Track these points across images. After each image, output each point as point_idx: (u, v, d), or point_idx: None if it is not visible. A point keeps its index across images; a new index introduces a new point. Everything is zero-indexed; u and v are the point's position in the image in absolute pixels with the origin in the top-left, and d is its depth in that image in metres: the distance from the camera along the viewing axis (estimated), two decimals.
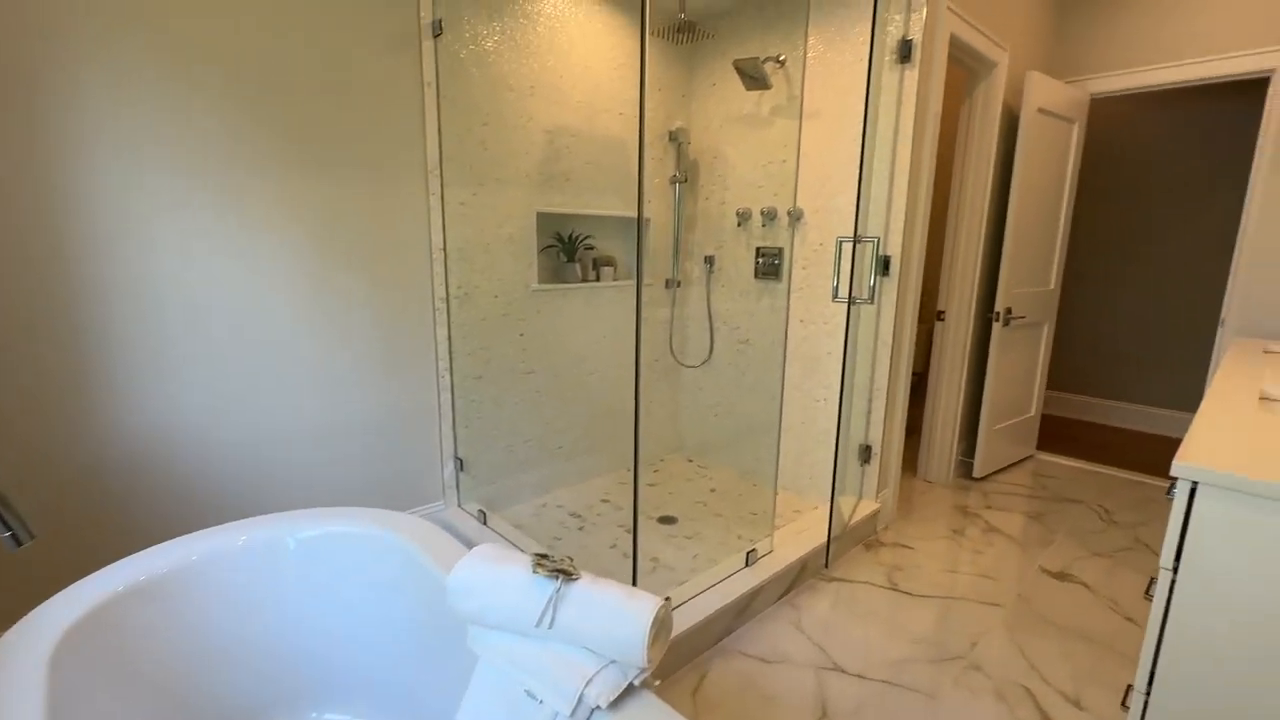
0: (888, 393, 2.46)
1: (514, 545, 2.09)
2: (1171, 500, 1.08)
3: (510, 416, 2.55)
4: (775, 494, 2.45)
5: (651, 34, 2.56)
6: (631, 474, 3.02)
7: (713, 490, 2.87)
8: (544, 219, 2.58)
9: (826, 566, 2.26)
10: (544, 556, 0.92)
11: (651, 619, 0.83)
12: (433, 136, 2.10)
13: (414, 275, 2.14)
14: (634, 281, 2.92)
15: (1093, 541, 2.54)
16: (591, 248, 2.78)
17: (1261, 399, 1.59)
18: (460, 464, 2.36)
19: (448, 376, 2.28)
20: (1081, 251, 4.25)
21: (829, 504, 2.15)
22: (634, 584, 1.70)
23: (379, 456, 2.15)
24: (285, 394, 1.91)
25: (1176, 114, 3.81)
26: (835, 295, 2.01)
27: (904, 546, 2.46)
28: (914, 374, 4.01)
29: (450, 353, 2.28)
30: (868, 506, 2.51)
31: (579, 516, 2.56)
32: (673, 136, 2.91)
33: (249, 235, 1.77)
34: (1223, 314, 2.84)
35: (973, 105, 2.80)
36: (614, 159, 2.77)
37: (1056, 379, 4.46)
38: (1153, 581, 1.15)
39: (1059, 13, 3.21)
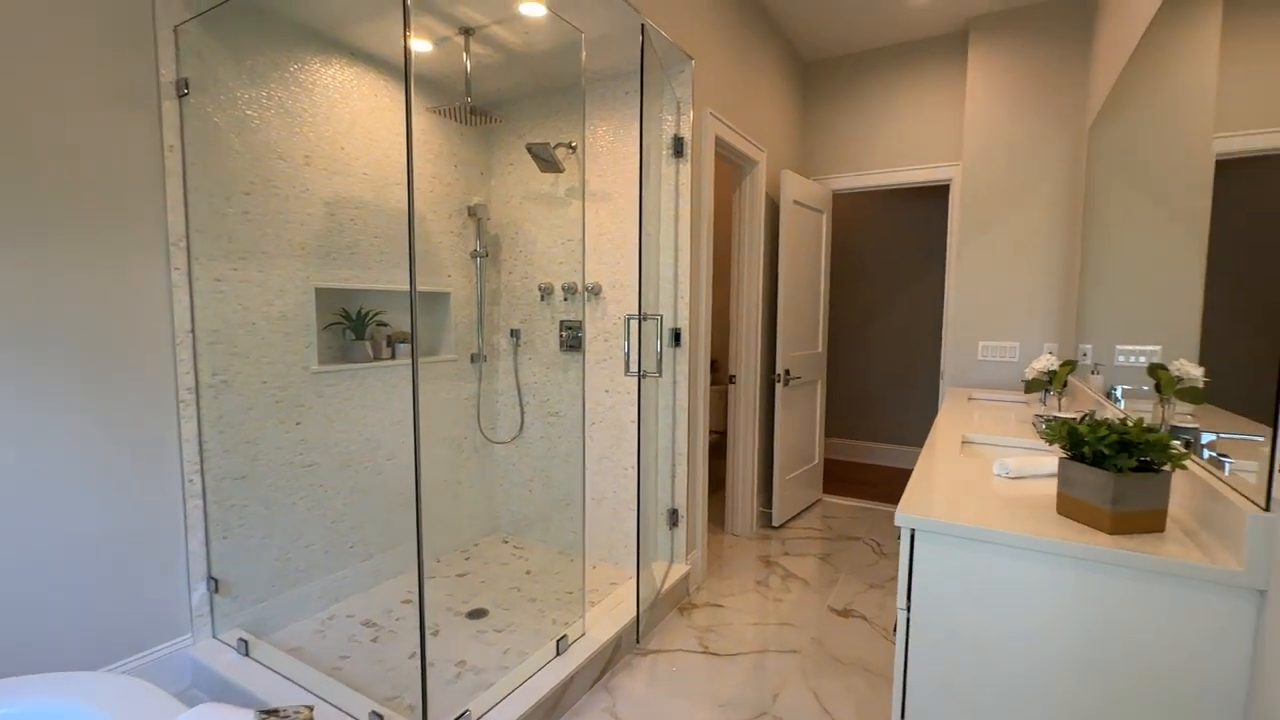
0: (688, 456, 2.59)
1: (282, 678, 1.77)
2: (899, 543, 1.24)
3: (285, 519, 2.22)
4: (585, 570, 2.41)
5: (441, 115, 2.56)
6: (438, 563, 2.78)
7: (528, 572, 2.74)
8: (326, 295, 2.37)
9: (638, 641, 2.24)
10: (271, 713, 0.77)
11: None
12: (176, 206, 1.84)
13: (151, 365, 1.80)
14: (436, 359, 2.78)
15: (869, 574, 2.87)
16: (384, 324, 2.60)
17: (963, 443, 1.95)
18: (214, 585, 1.97)
19: (198, 481, 1.92)
20: (840, 317, 5.01)
21: (636, 575, 2.16)
22: (424, 698, 1.53)
23: (103, 588, 1.71)
24: None
25: (898, 207, 4.74)
26: (627, 369, 2.09)
27: (715, 605, 2.55)
28: (717, 433, 4.32)
29: (201, 452, 1.93)
30: (679, 570, 2.57)
31: (374, 625, 2.26)
32: (472, 211, 2.89)
33: None
34: (942, 367, 3.50)
35: (742, 195, 3.21)
36: (406, 232, 2.66)
37: (833, 428, 5.11)
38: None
39: (804, 124, 3.85)
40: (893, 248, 4.79)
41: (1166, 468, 1.07)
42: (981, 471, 1.52)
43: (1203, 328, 1.30)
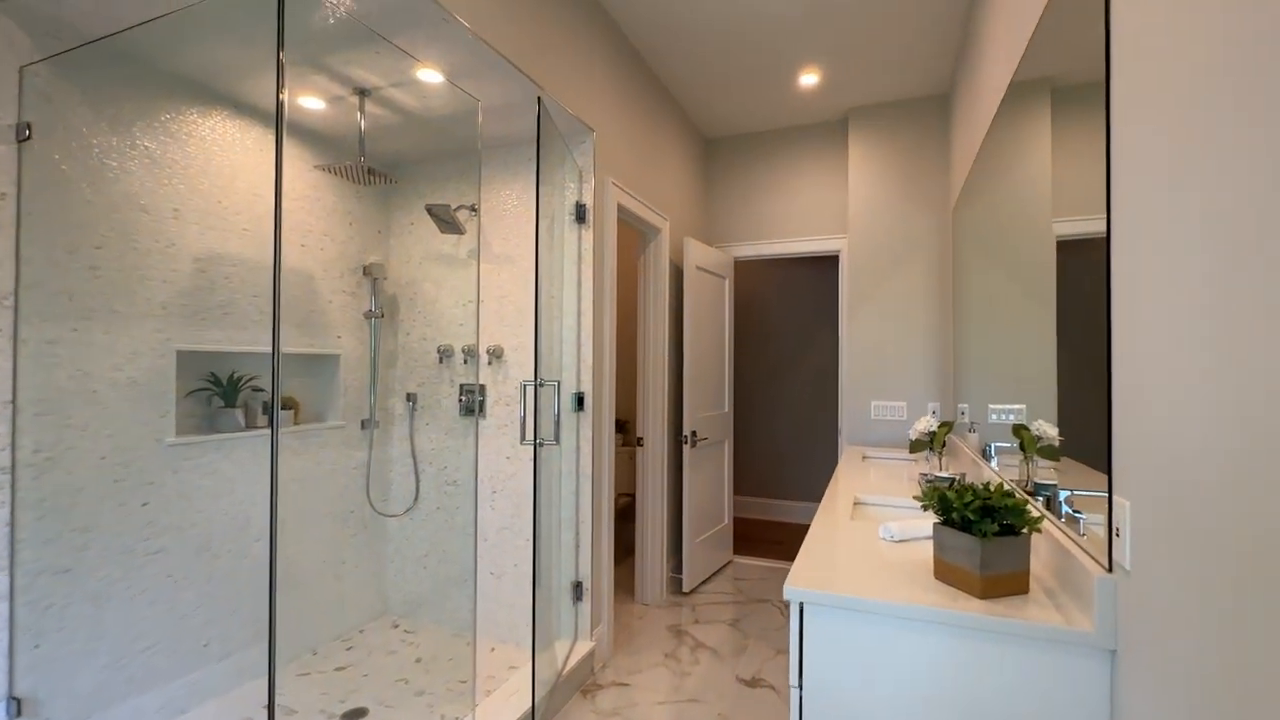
0: (593, 525, 2.51)
1: None
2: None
3: (120, 618, 1.91)
4: (476, 656, 2.22)
5: (332, 174, 2.47)
6: (315, 656, 2.48)
7: (418, 660, 2.50)
8: (192, 358, 2.15)
9: None
10: None
11: None
12: (5, 260, 1.62)
13: None
14: (322, 425, 2.57)
15: (776, 639, 2.83)
16: (260, 389, 2.39)
17: (855, 504, 2.00)
18: (17, 707, 1.64)
19: (3, 579, 1.62)
20: (746, 377, 5.16)
21: (531, 660, 2.01)
22: None
23: None
24: None
25: (797, 272, 5.03)
26: (523, 438, 2.02)
27: (621, 684, 2.42)
28: (627, 496, 4.25)
29: (12, 544, 1.64)
30: (583, 648, 2.43)
31: None
32: (367, 271, 2.77)
33: None
34: (840, 425, 3.64)
35: (647, 260, 3.28)
36: (294, 291, 2.51)
37: (741, 485, 5.17)
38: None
39: (707, 194, 4.05)
40: (793, 310, 5.05)
41: (1025, 531, 1.13)
42: (868, 535, 1.55)
43: (1059, 387, 1.42)
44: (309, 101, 2.27)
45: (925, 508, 1.22)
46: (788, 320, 5.06)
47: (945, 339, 3.30)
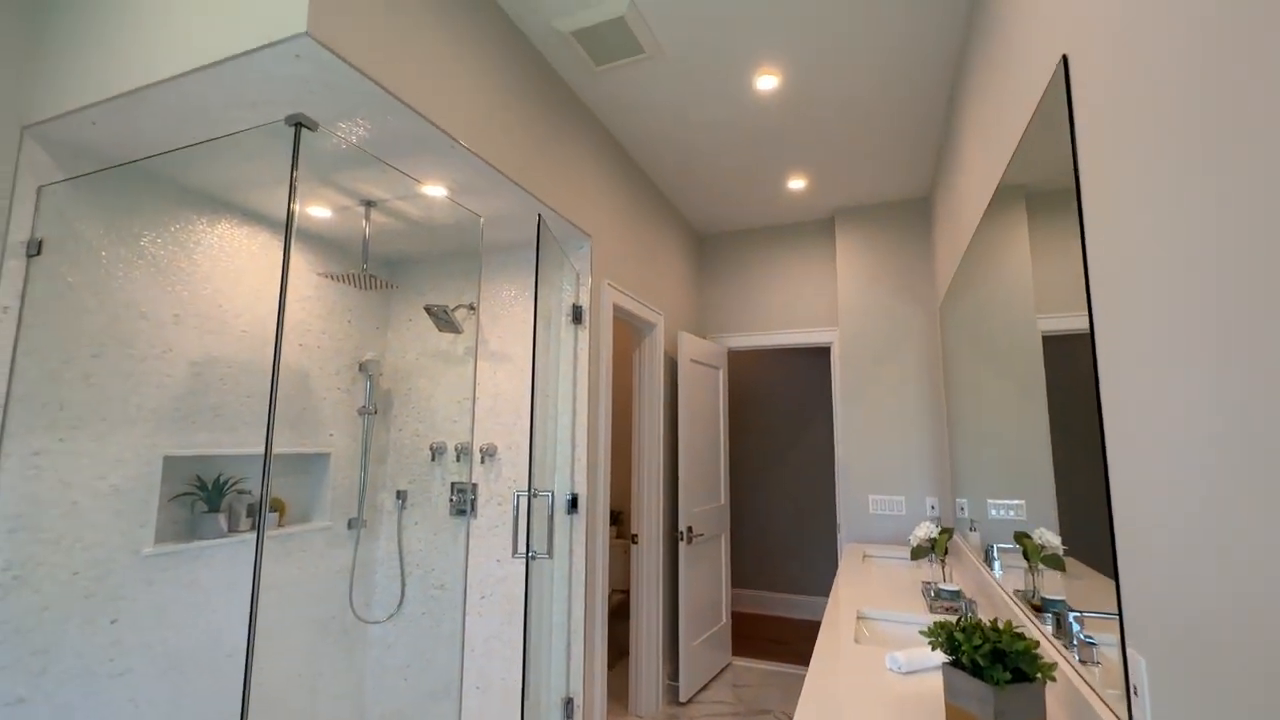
0: (585, 635, 2.39)
1: None
2: None
3: None
4: None
5: (336, 281, 2.53)
6: None
7: None
8: (178, 463, 2.11)
9: None
10: None
11: None
12: None
13: None
14: (309, 526, 2.49)
15: None
16: (245, 491, 2.33)
17: (859, 618, 1.93)
18: None
19: None
20: (741, 467, 5.11)
21: None
22: None
23: None
24: None
25: (790, 362, 5.09)
26: (515, 551, 1.96)
27: None
28: (621, 592, 4.09)
29: None
30: None
31: None
32: (363, 367, 2.78)
33: None
34: (839, 520, 3.57)
35: (641, 355, 3.32)
36: (288, 389, 2.50)
37: (738, 577, 5.00)
38: None
39: (700, 288, 4.16)
40: (787, 399, 5.07)
41: (1039, 677, 1.08)
42: (874, 665, 1.48)
43: (1057, 480, 1.40)
44: (316, 210, 2.35)
45: (934, 647, 1.17)
46: (782, 409, 5.07)
47: (939, 432, 3.30)
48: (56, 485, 1.76)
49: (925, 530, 2.13)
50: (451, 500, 2.67)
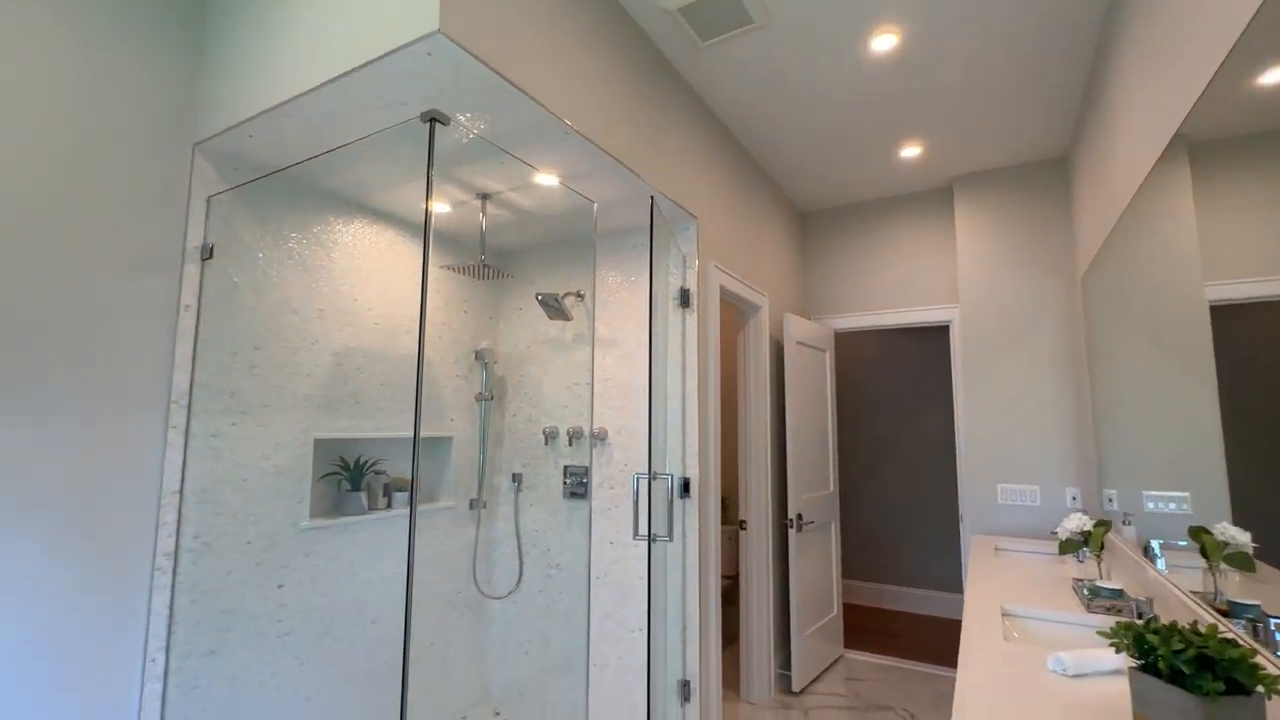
0: (700, 620, 2.39)
1: None
2: None
3: (251, 701, 1.98)
4: None
5: (456, 273, 2.66)
6: None
7: None
8: (325, 445, 2.30)
9: None
10: None
11: None
12: (184, 364, 1.83)
13: (126, 532, 1.69)
14: (435, 505, 2.66)
15: None
16: (382, 472, 2.51)
17: (1003, 615, 1.78)
18: None
19: (161, 660, 1.74)
20: (850, 455, 4.91)
21: None
22: None
23: None
24: None
25: (902, 343, 4.81)
26: (636, 533, 1.98)
27: None
28: (729, 578, 4.06)
29: (169, 627, 1.77)
30: None
31: None
32: (479, 355, 2.91)
33: None
34: (961, 512, 3.34)
35: (746, 338, 3.25)
36: (414, 378, 2.66)
37: (848, 568, 4.82)
38: None
39: (803, 269, 4.01)
40: (899, 383, 4.80)
41: (1260, 689, 0.94)
42: (1034, 666, 1.36)
43: (1229, 469, 1.24)
44: (439, 206, 2.47)
45: (1117, 650, 1.05)
46: (892, 393, 4.81)
47: (1081, 415, 2.99)
48: (231, 464, 1.97)
49: (1077, 522, 1.94)
50: (565, 483, 2.74)
